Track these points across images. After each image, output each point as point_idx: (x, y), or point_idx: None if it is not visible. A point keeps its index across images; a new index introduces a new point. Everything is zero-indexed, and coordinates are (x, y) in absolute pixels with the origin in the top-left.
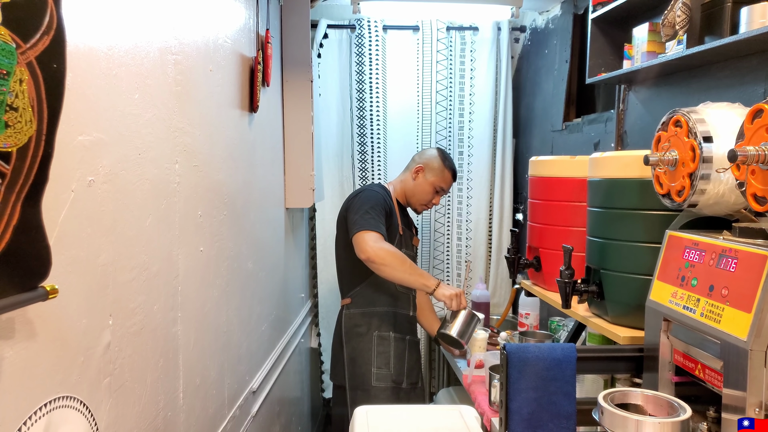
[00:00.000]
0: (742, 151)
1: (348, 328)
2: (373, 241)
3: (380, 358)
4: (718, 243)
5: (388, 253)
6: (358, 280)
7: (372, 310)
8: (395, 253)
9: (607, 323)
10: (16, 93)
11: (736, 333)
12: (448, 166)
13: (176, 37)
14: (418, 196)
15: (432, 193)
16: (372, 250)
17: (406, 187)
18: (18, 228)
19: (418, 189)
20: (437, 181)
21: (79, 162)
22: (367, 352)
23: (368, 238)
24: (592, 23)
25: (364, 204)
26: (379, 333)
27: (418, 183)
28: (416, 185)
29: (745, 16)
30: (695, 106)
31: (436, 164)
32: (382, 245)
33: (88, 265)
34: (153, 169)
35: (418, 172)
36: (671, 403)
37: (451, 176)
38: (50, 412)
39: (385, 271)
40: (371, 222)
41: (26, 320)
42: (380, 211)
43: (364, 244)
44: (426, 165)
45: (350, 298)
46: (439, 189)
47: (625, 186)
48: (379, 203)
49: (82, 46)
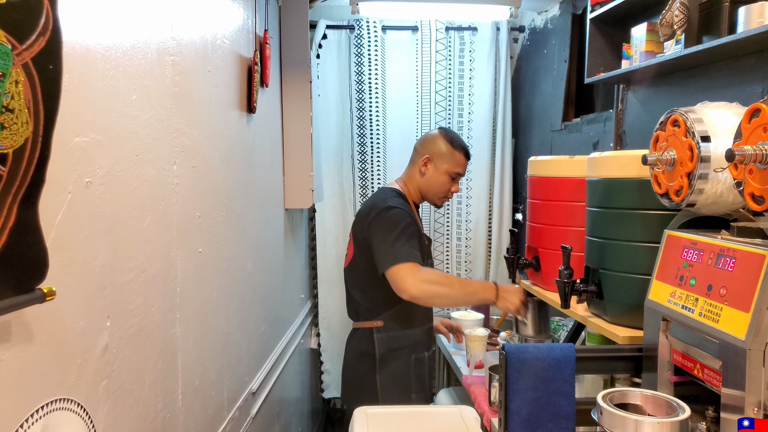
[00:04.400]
0: (740, 151)
1: (383, 353)
2: (412, 276)
3: (417, 382)
4: (716, 242)
5: (432, 284)
6: (390, 303)
7: (407, 333)
8: (440, 280)
9: (606, 323)
10: (12, 94)
11: (734, 332)
12: (458, 146)
13: (174, 37)
14: (434, 189)
15: (449, 182)
16: (414, 288)
17: (418, 183)
18: (14, 230)
19: (432, 182)
20: (450, 167)
21: (76, 163)
22: (406, 378)
23: (405, 274)
24: (591, 23)
25: (392, 228)
26: (416, 356)
27: (430, 176)
28: (428, 179)
29: (743, 15)
30: (693, 106)
31: (444, 149)
32: (423, 276)
33: (85, 267)
34: (151, 171)
35: (426, 164)
36: (670, 403)
37: (464, 156)
38: (47, 414)
39: (434, 303)
40: (403, 251)
41: (23, 322)
42: (409, 232)
43: (402, 282)
44: (433, 153)
45: (382, 321)
46: (455, 175)
47: (623, 186)
48: (406, 221)
49: (79, 47)
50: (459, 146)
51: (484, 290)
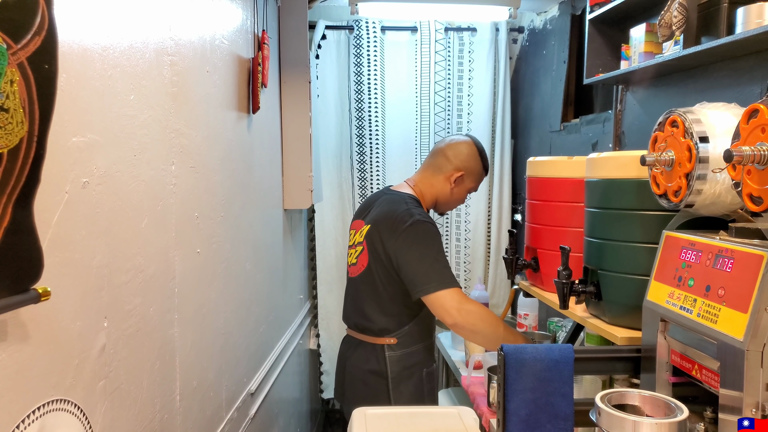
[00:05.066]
0: (738, 152)
1: (397, 372)
2: (459, 303)
3: (430, 396)
4: (714, 243)
5: (479, 320)
6: (407, 320)
7: (418, 348)
8: (484, 317)
9: (605, 324)
10: (7, 94)
11: (732, 333)
12: (486, 166)
13: (172, 38)
14: (452, 203)
15: (465, 197)
16: (462, 318)
17: (440, 195)
18: (9, 230)
19: (456, 197)
20: (474, 186)
21: (73, 163)
22: (420, 394)
23: (453, 300)
24: (590, 24)
25: (430, 247)
26: (427, 370)
27: (457, 192)
28: (455, 194)
29: (741, 16)
30: (692, 107)
31: (477, 168)
32: (470, 308)
33: (82, 267)
34: (149, 171)
35: (458, 179)
36: (668, 404)
37: (485, 176)
38: (44, 415)
39: (472, 338)
40: (446, 273)
41: (19, 323)
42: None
43: (450, 309)
44: (468, 170)
45: (396, 338)
46: (473, 191)
47: (622, 186)
48: (439, 241)
49: (76, 47)
50: (486, 167)
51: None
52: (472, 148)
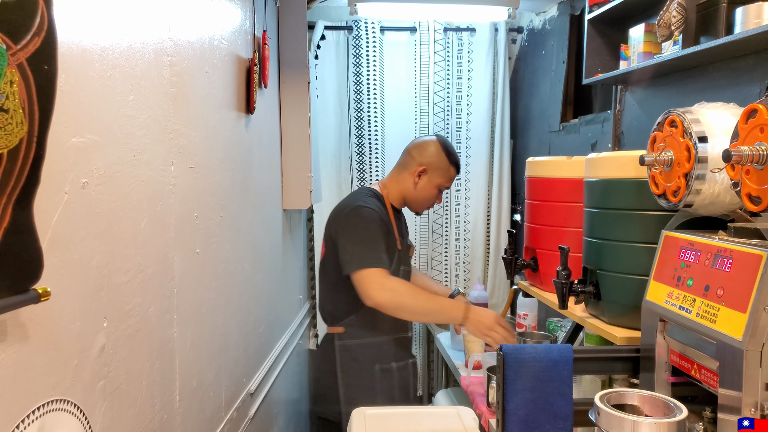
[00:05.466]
0: (737, 151)
1: (344, 362)
2: (379, 283)
3: (384, 395)
4: (713, 243)
5: (398, 294)
6: (354, 308)
7: (371, 341)
8: (406, 291)
9: (604, 324)
10: (7, 95)
11: (731, 333)
12: (453, 161)
13: (171, 38)
14: (421, 200)
15: (435, 195)
16: (379, 295)
17: (406, 192)
18: (9, 230)
19: (423, 194)
20: (443, 181)
21: (72, 164)
22: (370, 390)
23: (373, 279)
24: (589, 24)
25: (361, 229)
26: (381, 366)
27: (422, 187)
28: (420, 190)
29: (740, 16)
30: (690, 107)
31: (441, 163)
32: (390, 285)
33: (82, 268)
34: (148, 171)
35: (420, 174)
36: (667, 404)
37: (456, 171)
38: (43, 415)
39: (398, 314)
40: (372, 254)
41: (18, 323)
42: (379, 236)
43: (368, 288)
44: (430, 165)
45: (343, 327)
46: (443, 188)
47: (621, 186)
48: (376, 225)
49: (76, 47)
50: (454, 161)
51: (452, 308)
52: (436, 145)
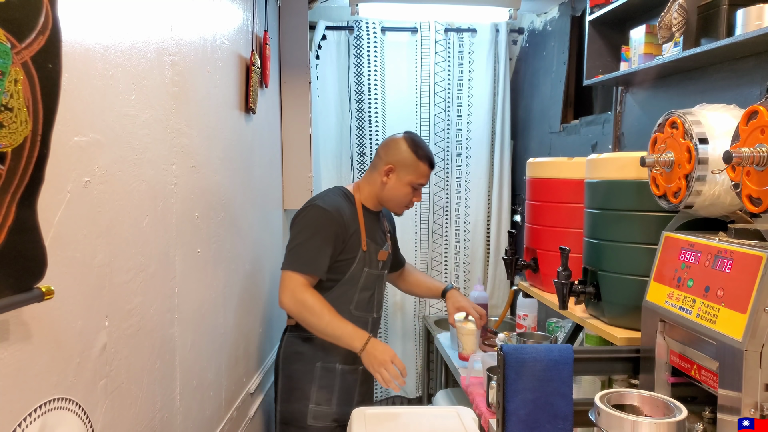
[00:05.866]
0: (737, 153)
1: (287, 354)
2: (292, 290)
3: (321, 394)
4: (713, 244)
5: (305, 308)
6: None
7: (319, 338)
8: (314, 308)
9: (604, 324)
10: (11, 93)
11: (731, 334)
12: (423, 155)
13: (173, 38)
14: (396, 200)
15: (410, 193)
16: (288, 301)
17: (378, 192)
18: (13, 229)
19: (393, 192)
20: (414, 178)
21: (75, 163)
22: (306, 386)
23: (289, 284)
24: (590, 25)
25: (304, 230)
26: (323, 364)
27: (392, 186)
28: (389, 189)
29: (741, 18)
30: (691, 108)
31: (408, 159)
32: (301, 297)
33: (84, 266)
34: (150, 170)
35: (388, 173)
36: (667, 404)
37: (428, 167)
38: (45, 413)
39: (303, 324)
40: (303, 258)
41: (21, 322)
42: (322, 239)
43: (282, 291)
44: (396, 163)
45: (296, 320)
46: (418, 185)
47: (621, 187)
48: (323, 227)
49: (79, 46)
50: (424, 156)
51: (352, 338)
52: (403, 142)
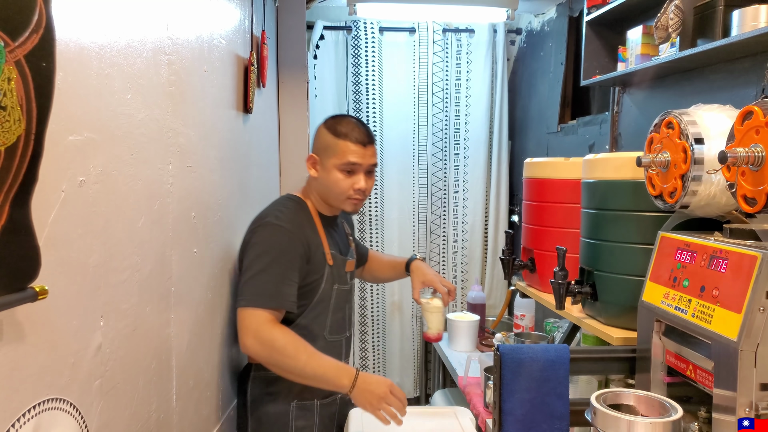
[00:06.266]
0: (732, 153)
1: (256, 396)
2: (255, 331)
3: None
4: (709, 244)
5: (274, 350)
6: None
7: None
8: (285, 348)
9: (601, 324)
10: (5, 92)
11: (726, 333)
12: (342, 132)
13: (170, 37)
14: (333, 192)
15: (344, 179)
16: (252, 346)
17: (317, 190)
18: (6, 228)
19: (326, 184)
20: (338, 159)
21: (70, 162)
22: (282, 429)
23: (250, 324)
24: (587, 26)
25: (262, 256)
26: (300, 402)
27: (322, 177)
28: (320, 182)
29: (737, 18)
30: (687, 108)
31: (326, 141)
32: (267, 337)
33: (78, 266)
34: (146, 170)
35: (314, 165)
36: (663, 404)
37: (353, 142)
38: (39, 414)
39: (274, 370)
40: (263, 289)
41: (15, 321)
42: (286, 265)
43: (243, 333)
44: (318, 150)
45: None
46: (348, 167)
47: (618, 187)
48: (286, 251)
49: (74, 45)
50: (343, 133)
51: (338, 376)
52: (322, 126)
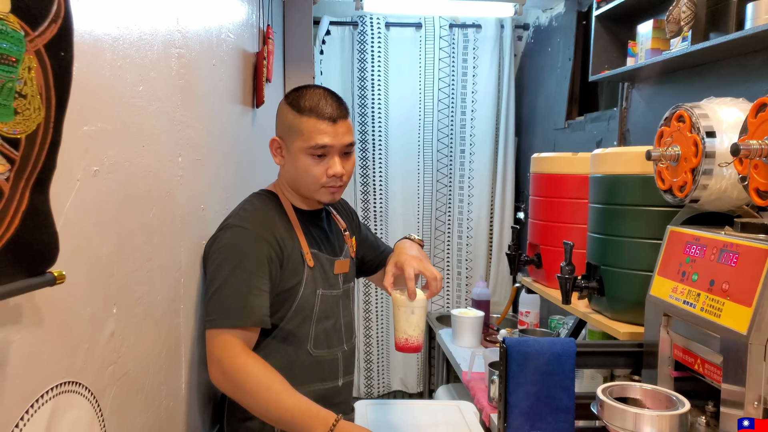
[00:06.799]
0: (745, 145)
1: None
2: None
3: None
4: (719, 238)
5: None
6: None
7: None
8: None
9: (607, 319)
10: (25, 80)
11: (735, 327)
12: (308, 106)
13: (180, 30)
14: (303, 181)
15: (315, 164)
16: (215, 377)
17: (285, 176)
18: (27, 214)
19: (296, 172)
20: (304, 141)
21: (84, 152)
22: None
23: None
24: (596, 20)
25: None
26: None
27: (288, 164)
28: (288, 169)
29: (751, 11)
30: (699, 102)
31: (289, 120)
32: (231, 367)
33: (92, 255)
34: (156, 162)
35: (278, 149)
36: (670, 397)
37: (324, 119)
38: (56, 396)
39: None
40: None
41: (33, 306)
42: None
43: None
44: (280, 131)
45: None
46: (317, 149)
47: (626, 182)
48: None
49: (88, 36)
50: (308, 108)
51: (308, 425)
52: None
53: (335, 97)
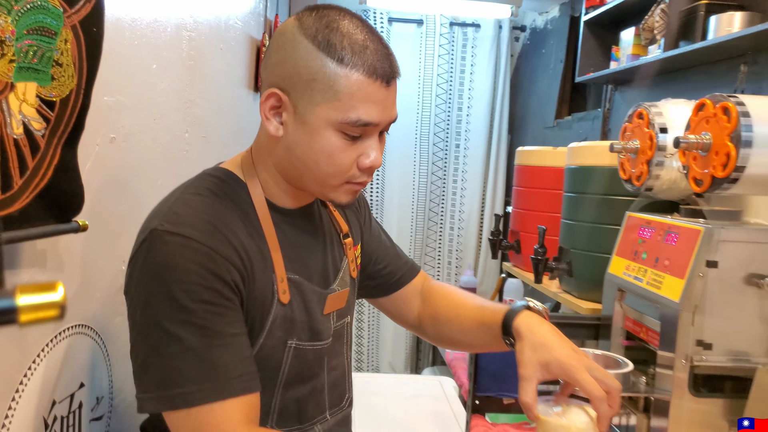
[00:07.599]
0: (685, 139)
1: None
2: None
3: None
4: (665, 221)
5: None
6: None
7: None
8: None
9: (575, 298)
10: (62, 51)
11: (671, 297)
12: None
13: (191, 15)
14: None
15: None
16: None
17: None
18: (58, 167)
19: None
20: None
21: (104, 120)
22: None
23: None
24: (585, 25)
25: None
26: None
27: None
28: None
29: (714, 24)
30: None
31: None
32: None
33: (108, 213)
34: (165, 135)
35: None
36: (617, 360)
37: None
38: (71, 336)
39: None
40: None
41: (56, 252)
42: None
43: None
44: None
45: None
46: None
47: (595, 173)
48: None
49: (111, 16)
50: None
51: None
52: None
53: (385, 44)
